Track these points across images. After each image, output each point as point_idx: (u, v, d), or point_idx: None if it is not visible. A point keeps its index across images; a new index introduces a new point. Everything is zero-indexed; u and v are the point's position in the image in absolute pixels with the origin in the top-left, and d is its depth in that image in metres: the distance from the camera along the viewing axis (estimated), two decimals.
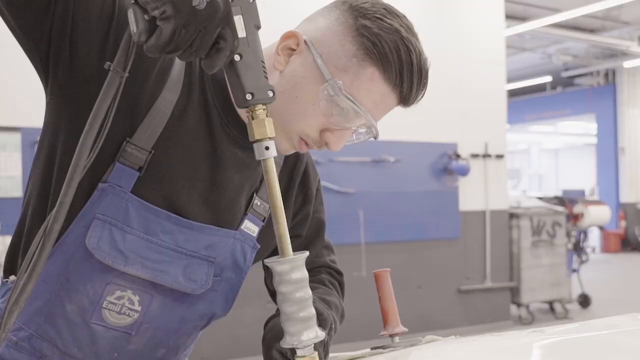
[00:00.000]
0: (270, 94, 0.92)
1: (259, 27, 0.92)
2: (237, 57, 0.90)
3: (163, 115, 1.06)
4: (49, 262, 1.01)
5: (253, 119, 0.92)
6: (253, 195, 1.19)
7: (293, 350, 0.95)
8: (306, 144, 1.09)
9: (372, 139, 1.12)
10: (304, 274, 0.93)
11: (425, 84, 1.08)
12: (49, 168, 1.07)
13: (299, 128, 1.07)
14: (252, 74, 0.91)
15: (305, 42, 1.06)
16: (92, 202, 1.04)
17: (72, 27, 0.99)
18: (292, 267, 0.92)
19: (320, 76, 1.04)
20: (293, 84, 1.06)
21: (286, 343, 0.95)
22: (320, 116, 1.05)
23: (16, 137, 4.86)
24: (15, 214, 1.14)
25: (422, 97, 1.09)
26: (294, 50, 1.07)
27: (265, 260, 0.97)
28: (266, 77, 0.92)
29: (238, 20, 0.89)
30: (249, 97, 0.91)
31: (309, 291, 0.93)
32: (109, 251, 1.04)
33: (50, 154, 1.07)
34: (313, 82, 1.04)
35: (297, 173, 1.28)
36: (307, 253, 0.95)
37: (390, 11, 1.06)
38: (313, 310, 0.94)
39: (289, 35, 1.07)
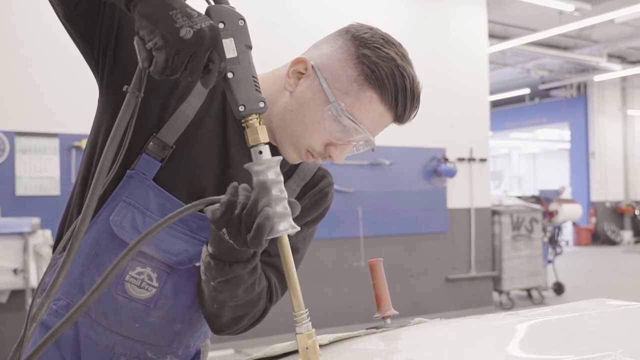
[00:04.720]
0: (262, 104, 0.93)
1: (250, 47, 0.93)
2: (230, 75, 0.91)
3: (186, 117, 1.08)
4: (82, 239, 1.03)
5: (247, 127, 0.93)
6: None
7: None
8: (312, 155, 1.10)
9: (371, 150, 1.13)
10: (279, 174, 0.92)
11: (418, 105, 1.08)
12: (91, 158, 1.11)
13: (306, 142, 1.08)
14: (244, 89, 0.92)
15: (312, 67, 1.07)
16: (121, 186, 1.07)
17: (117, 34, 1.04)
18: (267, 167, 0.91)
19: (326, 98, 1.05)
20: (301, 103, 1.07)
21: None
22: (325, 132, 1.07)
23: (54, 142, 4.89)
24: (54, 211, 1.15)
25: (414, 116, 1.10)
26: (302, 73, 1.08)
27: (244, 165, 0.95)
28: (258, 91, 0.93)
29: (230, 42, 0.91)
30: (241, 108, 0.92)
31: (284, 190, 0.92)
32: (128, 230, 1.06)
33: (92, 146, 1.11)
34: (319, 103, 1.06)
35: (312, 194, 1.23)
36: (281, 157, 0.94)
37: (388, 40, 1.07)
38: (288, 207, 0.92)
39: (299, 61, 1.08)
